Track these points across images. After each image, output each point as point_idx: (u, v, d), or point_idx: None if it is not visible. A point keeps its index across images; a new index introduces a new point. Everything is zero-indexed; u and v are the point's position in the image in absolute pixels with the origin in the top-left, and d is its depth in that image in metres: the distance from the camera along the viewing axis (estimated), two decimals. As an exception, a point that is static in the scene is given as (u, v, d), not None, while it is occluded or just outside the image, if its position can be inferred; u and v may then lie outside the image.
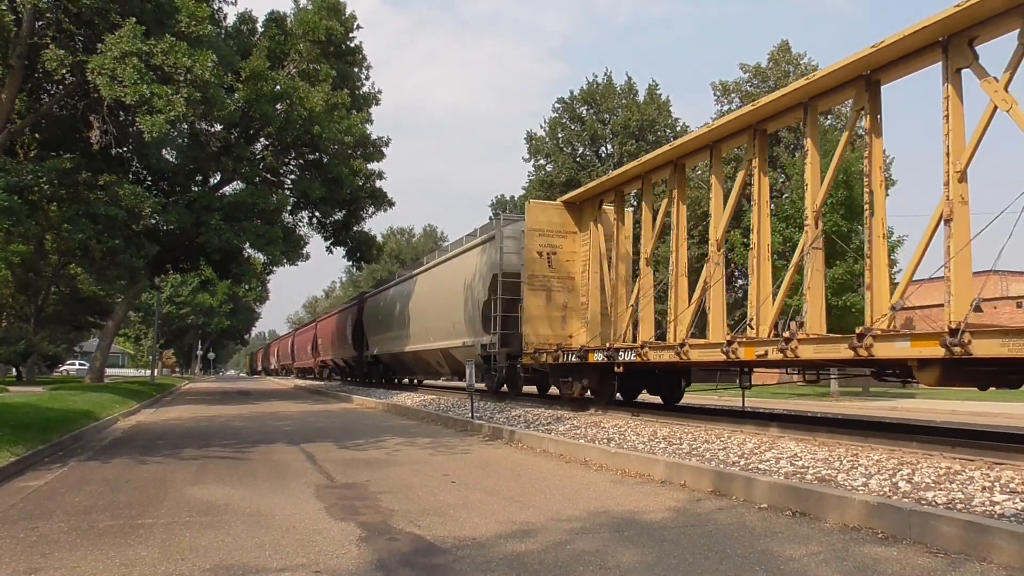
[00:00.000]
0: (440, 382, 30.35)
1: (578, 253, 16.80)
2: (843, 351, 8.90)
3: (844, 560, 4.61)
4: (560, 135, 52.40)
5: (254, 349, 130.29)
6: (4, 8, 15.56)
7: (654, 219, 14.36)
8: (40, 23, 16.25)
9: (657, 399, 16.26)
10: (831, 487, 6.21)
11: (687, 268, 13.30)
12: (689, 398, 17.74)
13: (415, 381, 31.03)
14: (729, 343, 10.80)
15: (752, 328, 11.21)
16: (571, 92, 55.36)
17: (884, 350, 8.37)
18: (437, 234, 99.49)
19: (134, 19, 15.47)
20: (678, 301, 13.02)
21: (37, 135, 20.04)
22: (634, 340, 14.66)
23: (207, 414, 18.41)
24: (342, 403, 24.12)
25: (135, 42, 15.22)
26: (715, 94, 45.99)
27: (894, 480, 6.32)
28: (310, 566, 4.58)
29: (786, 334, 9.81)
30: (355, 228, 29.79)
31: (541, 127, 53.82)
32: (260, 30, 26.07)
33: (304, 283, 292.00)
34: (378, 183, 29.05)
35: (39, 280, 38.91)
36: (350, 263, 32.33)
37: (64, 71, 16.18)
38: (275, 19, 25.83)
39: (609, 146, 51.42)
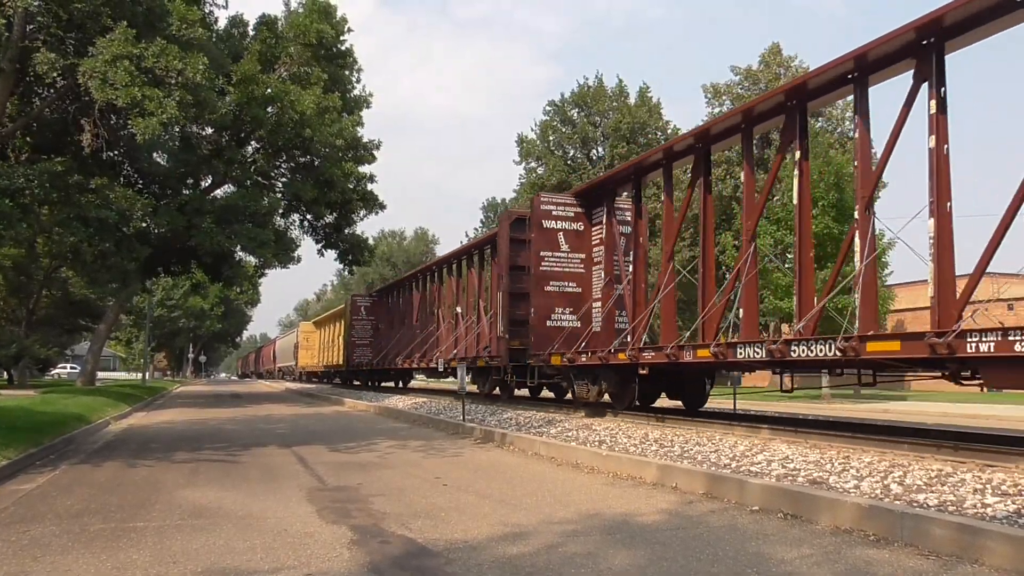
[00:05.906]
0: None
1: (324, 338, 44.98)
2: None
3: (836, 562, 4.63)
4: (551, 138, 52.39)
5: (245, 352, 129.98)
6: (-6, 12, 15.48)
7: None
8: (31, 26, 16.17)
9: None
10: (823, 489, 6.23)
11: None
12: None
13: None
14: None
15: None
16: (562, 95, 55.48)
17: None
18: (428, 237, 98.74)
19: (125, 22, 15.42)
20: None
21: (28, 138, 19.96)
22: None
23: (199, 417, 18.35)
24: (334, 406, 24.08)
25: (127, 45, 15.18)
26: (706, 96, 46.20)
27: (886, 482, 6.34)
28: (301, 568, 4.57)
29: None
30: (346, 231, 29.67)
31: (532, 130, 53.73)
32: (251, 33, 26.02)
33: (296, 286, 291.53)
34: (369, 186, 29.03)
35: (31, 283, 38.64)
36: (342, 266, 32.26)
37: (55, 74, 16.10)
38: (266, 22, 25.74)
39: (600, 148, 51.48)
